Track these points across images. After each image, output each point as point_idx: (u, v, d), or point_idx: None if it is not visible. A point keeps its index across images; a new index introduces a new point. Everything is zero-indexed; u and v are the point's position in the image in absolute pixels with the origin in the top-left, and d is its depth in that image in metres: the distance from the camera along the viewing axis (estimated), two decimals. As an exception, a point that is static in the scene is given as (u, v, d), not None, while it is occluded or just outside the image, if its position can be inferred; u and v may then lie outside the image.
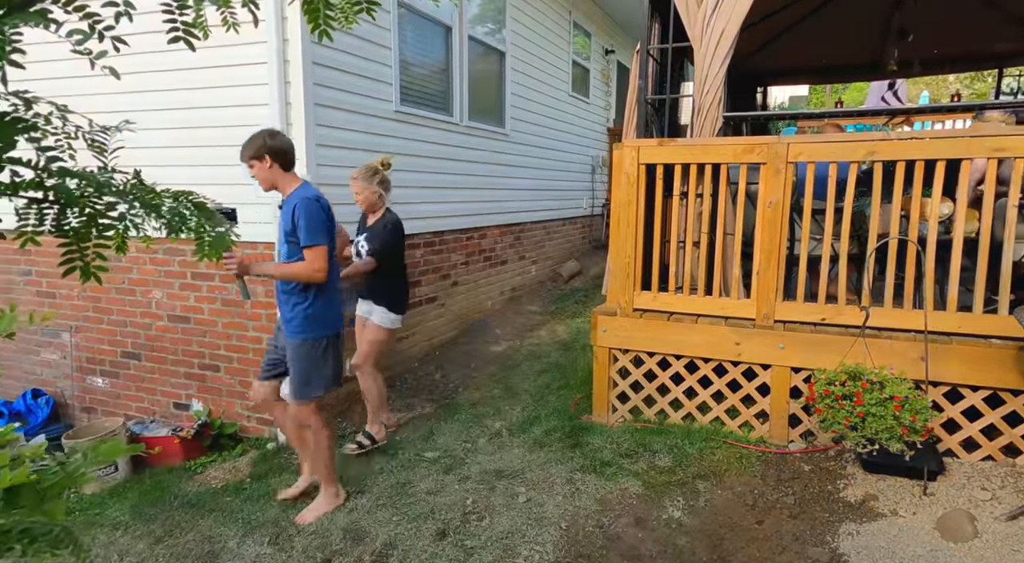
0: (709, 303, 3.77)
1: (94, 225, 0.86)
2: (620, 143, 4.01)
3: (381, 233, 3.84)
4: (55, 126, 0.81)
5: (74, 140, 0.85)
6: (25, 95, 0.78)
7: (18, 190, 0.79)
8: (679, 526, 2.86)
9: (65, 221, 0.82)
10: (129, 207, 0.86)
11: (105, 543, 3.23)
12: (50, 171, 0.79)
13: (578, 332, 5.96)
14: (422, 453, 3.81)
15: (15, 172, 0.78)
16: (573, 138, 8.80)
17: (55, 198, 0.81)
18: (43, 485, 0.67)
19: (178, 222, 0.91)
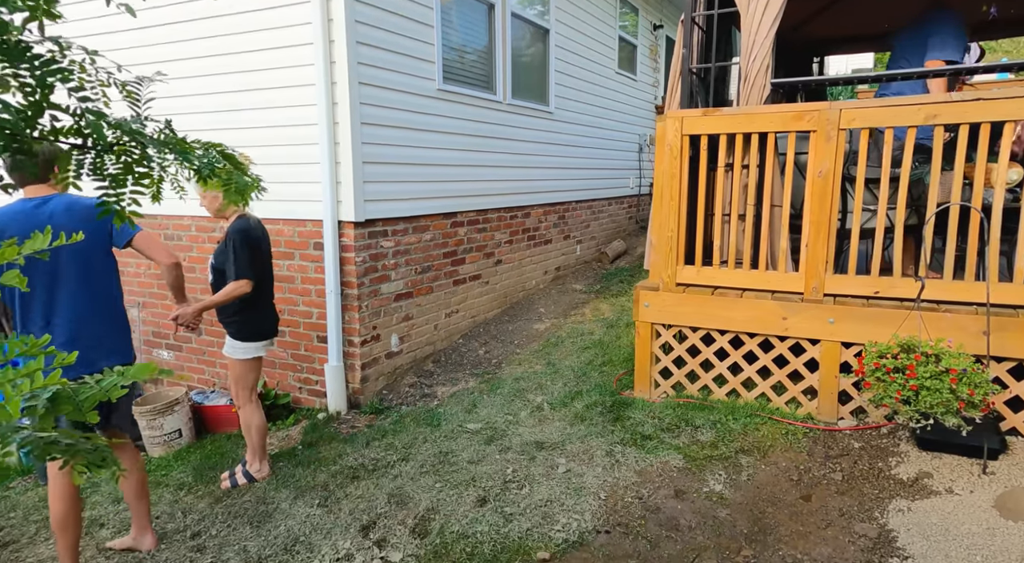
0: (755, 277, 3.67)
1: (130, 171, 0.92)
2: (662, 115, 3.92)
3: (227, 242, 3.21)
4: (88, 73, 0.87)
5: (107, 87, 0.91)
6: (59, 40, 0.84)
7: (58, 135, 0.85)
8: (720, 499, 2.82)
9: (103, 166, 0.88)
10: (161, 153, 0.92)
11: (170, 501, 3.44)
12: (86, 118, 0.85)
13: (622, 310, 5.91)
14: (464, 424, 3.89)
15: (55, 117, 0.84)
16: (619, 116, 8.66)
17: (92, 144, 0.87)
18: (80, 397, 0.73)
19: (207, 169, 0.96)
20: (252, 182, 1.07)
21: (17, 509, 3.58)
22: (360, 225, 4.23)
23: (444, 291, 5.22)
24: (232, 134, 4.44)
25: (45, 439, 0.74)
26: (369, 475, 3.40)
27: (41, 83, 0.77)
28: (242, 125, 4.42)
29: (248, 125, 4.40)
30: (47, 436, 0.74)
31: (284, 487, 3.39)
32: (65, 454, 0.78)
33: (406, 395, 4.55)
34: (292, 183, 4.28)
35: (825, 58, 7.91)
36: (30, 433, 0.73)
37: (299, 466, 3.61)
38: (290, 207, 4.34)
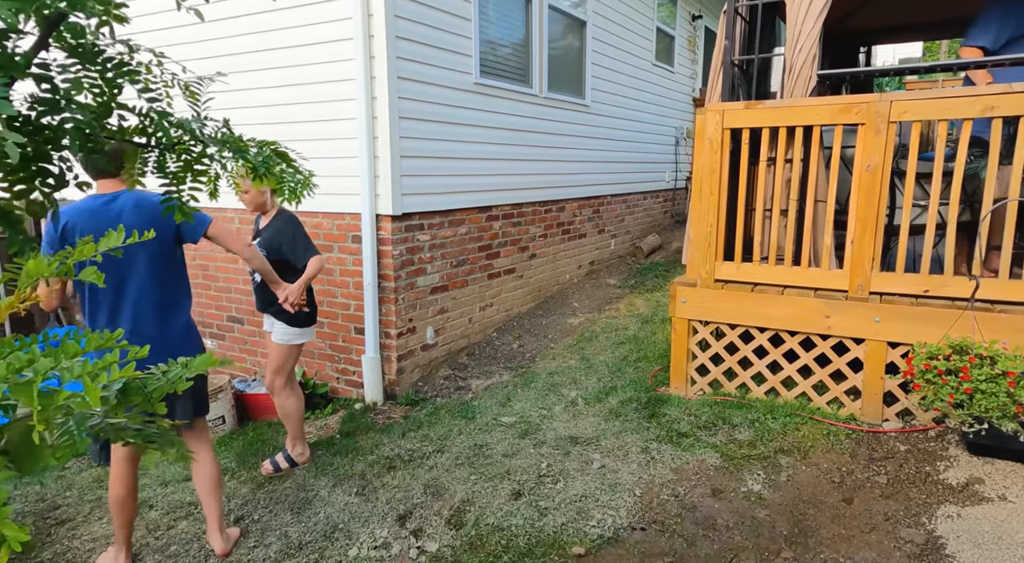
0: (797, 274, 3.59)
1: (189, 169, 0.95)
2: (703, 108, 3.85)
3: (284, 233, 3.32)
4: (154, 74, 0.90)
5: (170, 87, 0.94)
6: (128, 42, 0.87)
7: (125, 134, 0.88)
8: (759, 499, 2.78)
9: (165, 164, 0.91)
10: (220, 151, 0.94)
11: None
12: (151, 117, 0.88)
13: (657, 306, 5.85)
14: (499, 418, 3.91)
15: (122, 116, 0.87)
16: (656, 109, 8.53)
17: (156, 143, 0.90)
18: (149, 388, 0.76)
19: (263, 167, 0.98)
20: (304, 179, 1.09)
21: (73, 489, 3.74)
22: (397, 218, 4.27)
23: (479, 284, 5.25)
24: (275, 129, 4.53)
25: (116, 425, 0.77)
26: (405, 465, 3.45)
27: (110, 84, 0.80)
28: (284, 120, 4.51)
29: (289, 120, 4.48)
30: (117, 422, 0.77)
31: (323, 475, 3.47)
32: (136, 438, 0.82)
33: (441, 387, 4.60)
34: (331, 177, 4.35)
35: (872, 48, 7.65)
36: (102, 420, 0.77)
37: (337, 455, 3.69)
38: (329, 200, 4.41)
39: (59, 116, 0.71)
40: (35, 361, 0.59)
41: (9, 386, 0.55)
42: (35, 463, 0.69)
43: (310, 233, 4.63)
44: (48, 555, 2.94)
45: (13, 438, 0.67)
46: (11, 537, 0.57)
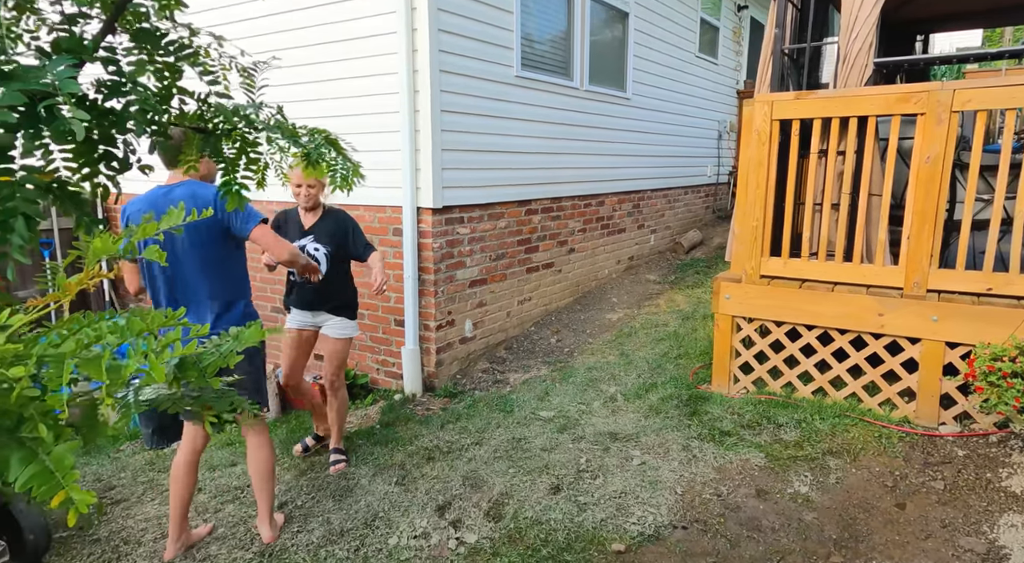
0: (848, 270, 3.46)
1: (243, 154, 0.96)
2: (750, 99, 3.74)
3: (345, 230, 3.37)
4: (212, 58, 0.91)
5: (228, 71, 0.95)
6: (190, 25, 0.88)
7: (184, 120, 0.89)
8: (806, 501, 2.69)
9: (222, 150, 0.92)
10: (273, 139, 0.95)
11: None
12: (209, 103, 0.89)
13: (699, 302, 5.74)
14: (537, 412, 3.90)
15: (183, 101, 0.89)
16: (699, 101, 8.36)
17: (213, 128, 0.91)
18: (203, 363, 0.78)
19: (316, 154, 0.98)
20: (354, 167, 1.09)
21: (126, 470, 3.89)
22: (438, 211, 4.29)
23: (517, 278, 5.24)
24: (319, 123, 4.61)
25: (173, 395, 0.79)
26: (444, 457, 3.47)
27: (172, 68, 0.81)
28: (327, 114, 4.57)
29: (332, 114, 4.54)
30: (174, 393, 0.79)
31: (363, 464, 3.52)
32: (194, 404, 0.84)
33: (479, 380, 4.61)
34: (374, 170, 4.38)
35: (929, 37, 7.32)
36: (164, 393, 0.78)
37: (377, 445, 3.73)
38: (371, 193, 4.46)
39: (123, 99, 0.73)
40: (103, 337, 0.60)
41: (78, 361, 0.57)
42: (96, 435, 0.71)
43: (352, 226, 4.71)
44: (104, 533, 3.06)
45: (78, 411, 0.69)
46: (79, 500, 0.59)
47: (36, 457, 0.60)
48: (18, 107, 0.60)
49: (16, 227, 0.61)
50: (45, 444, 0.60)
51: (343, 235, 3.36)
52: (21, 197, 0.61)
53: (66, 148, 0.72)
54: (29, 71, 0.62)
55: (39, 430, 0.59)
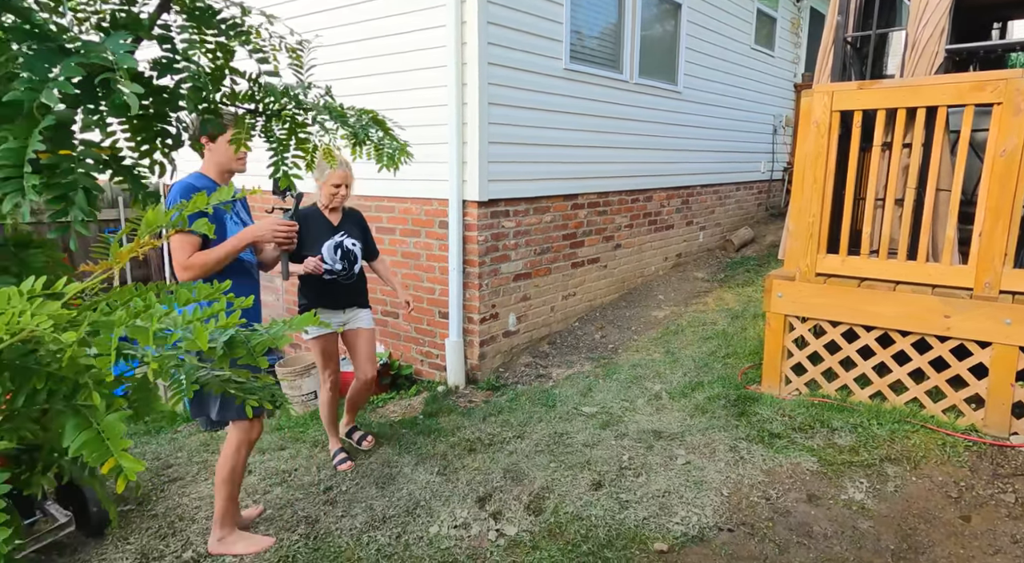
0: (912, 269, 3.29)
1: (293, 135, 0.97)
2: (809, 89, 3.60)
3: (365, 227, 3.43)
4: (263, 38, 0.93)
5: (277, 51, 0.96)
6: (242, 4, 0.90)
7: (236, 99, 0.91)
8: (861, 509, 2.57)
9: (271, 130, 0.94)
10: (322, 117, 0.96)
11: (306, 456, 3.74)
12: (259, 83, 0.91)
13: (749, 301, 5.57)
14: (579, 407, 3.86)
15: (234, 80, 0.90)
16: (753, 95, 8.11)
17: (263, 109, 0.92)
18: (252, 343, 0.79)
19: (363, 133, 0.99)
20: (401, 147, 1.09)
21: (183, 451, 4.06)
22: (483, 204, 4.30)
23: (562, 273, 5.20)
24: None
25: (221, 377, 0.81)
26: (485, 449, 3.48)
27: (224, 48, 0.83)
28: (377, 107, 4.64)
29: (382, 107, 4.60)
30: (223, 374, 0.81)
31: (407, 453, 3.56)
32: (239, 391, 0.86)
33: (522, 374, 4.60)
34: (421, 163, 4.42)
35: (1007, 23, 6.88)
36: (209, 371, 0.80)
37: (420, 435, 3.77)
38: (418, 186, 4.51)
39: (176, 76, 0.74)
40: (152, 307, 0.61)
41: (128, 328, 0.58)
42: (149, 408, 0.73)
43: (399, 218, 4.76)
44: (161, 509, 3.20)
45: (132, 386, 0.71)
46: (128, 468, 0.60)
47: (90, 425, 0.62)
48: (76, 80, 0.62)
49: (77, 200, 0.63)
50: (98, 413, 0.62)
51: (365, 231, 3.44)
52: (82, 171, 0.63)
53: (125, 126, 0.74)
54: (90, 46, 0.64)
55: (92, 398, 0.61)
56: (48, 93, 0.58)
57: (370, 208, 4.88)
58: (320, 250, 3.20)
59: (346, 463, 3.46)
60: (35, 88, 0.58)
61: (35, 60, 0.60)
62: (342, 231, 3.30)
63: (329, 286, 3.25)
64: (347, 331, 3.40)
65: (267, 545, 2.74)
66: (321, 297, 3.29)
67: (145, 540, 2.88)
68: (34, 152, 0.59)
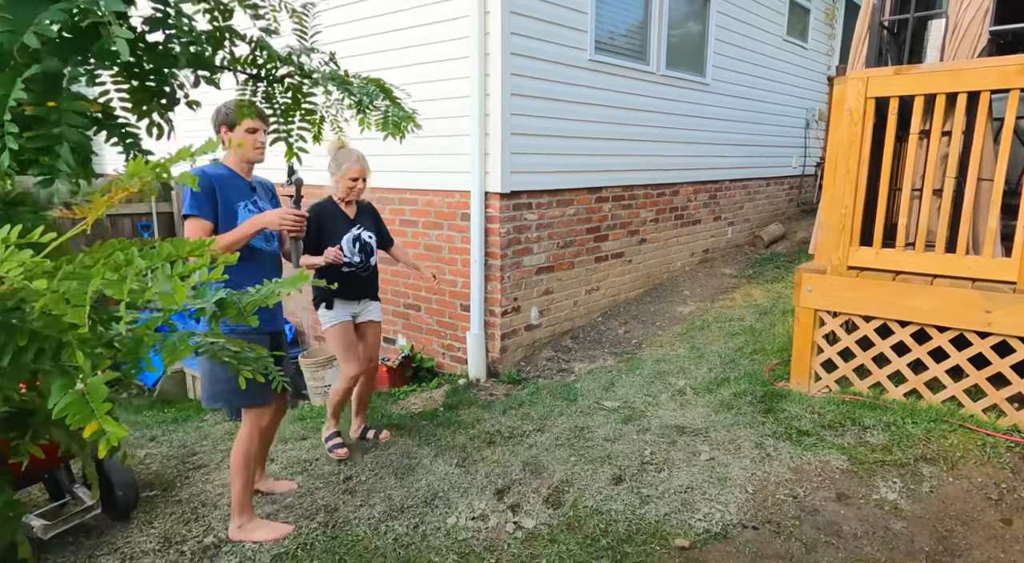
0: (951, 262, 3.15)
1: (298, 106, 0.95)
2: (842, 76, 3.47)
3: (378, 217, 3.43)
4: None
5: (277, 12, 0.94)
6: (237, -39, 0.88)
7: (237, 64, 0.89)
8: (894, 509, 2.47)
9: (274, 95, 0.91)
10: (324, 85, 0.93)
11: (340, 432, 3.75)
12: (261, 46, 0.89)
13: (778, 297, 5.43)
14: (601, 402, 3.80)
15: (233, 43, 0.89)
16: (785, 88, 7.91)
17: (265, 74, 0.90)
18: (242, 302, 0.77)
19: (367, 100, 0.96)
20: (408, 115, 1.06)
21: (208, 439, 4.11)
22: (505, 196, 4.26)
23: (585, 267, 5.14)
24: (391, 109, 4.68)
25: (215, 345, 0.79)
26: (505, 442, 3.45)
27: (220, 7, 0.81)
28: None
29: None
30: (216, 342, 0.79)
31: (426, 444, 3.55)
32: (233, 359, 0.84)
33: (543, 368, 4.56)
34: (444, 155, 4.43)
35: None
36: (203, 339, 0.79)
37: (440, 427, 3.76)
38: (440, 178, 4.50)
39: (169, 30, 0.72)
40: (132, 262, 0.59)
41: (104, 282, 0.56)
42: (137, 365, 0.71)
43: (422, 211, 4.76)
44: (185, 495, 3.24)
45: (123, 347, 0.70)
46: (111, 432, 0.58)
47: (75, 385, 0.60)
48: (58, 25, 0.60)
49: (62, 154, 0.61)
50: (84, 373, 0.61)
51: (379, 221, 3.43)
52: (67, 123, 0.62)
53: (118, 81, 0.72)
54: (76, -7, 0.63)
55: (76, 357, 0.59)
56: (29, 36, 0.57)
57: (393, 201, 4.89)
58: (340, 243, 3.20)
59: (341, 449, 3.45)
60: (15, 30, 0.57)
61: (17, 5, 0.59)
62: (358, 224, 3.30)
63: (347, 278, 3.25)
64: (358, 323, 3.40)
65: (286, 532, 2.76)
66: (343, 288, 3.26)
67: (169, 525, 2.91)
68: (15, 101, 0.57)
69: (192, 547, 2.72)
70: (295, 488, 3.15)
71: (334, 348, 3.40)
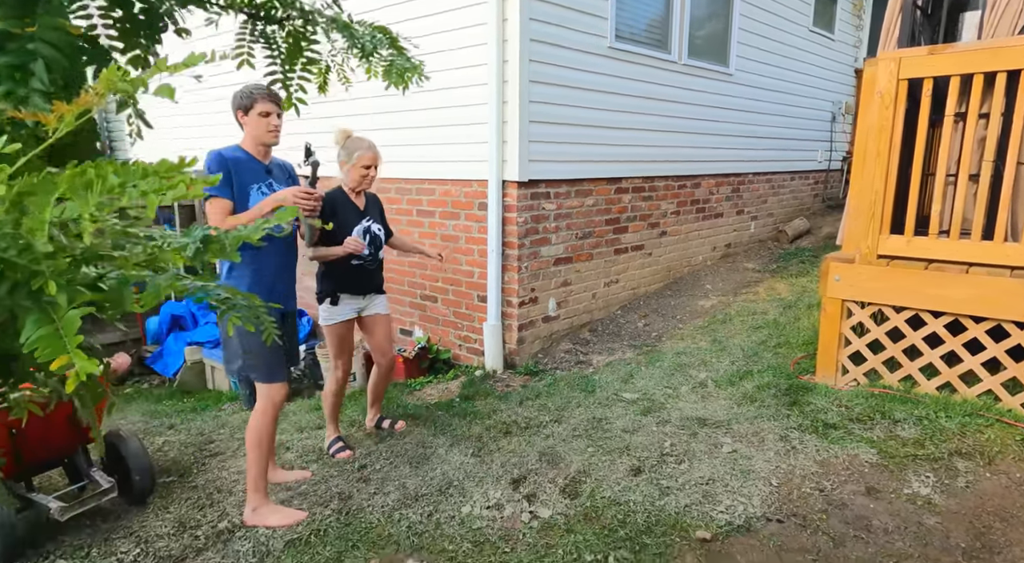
0: (988, 249, 3.02)
1: (299, 54, 0.90)
2: (872, 58, 3.35)
3: (382, 209, 3.39)
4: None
5: None
6: None
7: (233, 5, 0.85)
8: (927, 504, 2.36)
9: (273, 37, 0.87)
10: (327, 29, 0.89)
11: (344, 436, 3.73)
12: (257, -16, 0.84)
13: (803, 291, 5.29)
14: (620, 393, 3.72)
15: (229, -19, 0.85)
16: (811, 80, 7.73)
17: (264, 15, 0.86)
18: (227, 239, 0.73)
19: (371, 46, 0.91)
20: (414, 66, 1.01)
21: (225, 427, 4.12)
22: (523, 185, 4.20)
23: (604, 259, 5.06)
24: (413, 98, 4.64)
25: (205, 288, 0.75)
26: (521, 432, 3.39)
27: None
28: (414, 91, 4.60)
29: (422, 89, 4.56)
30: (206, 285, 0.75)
31: (441, 434, 3.50)
32: (222, 304, 0.80)
33: (561, 360, 4.49)
34: (461, 144, 4.39)
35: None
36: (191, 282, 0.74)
37: (455, 417, 3.71)
38: (458, 167, 4.46)
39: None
40: (105, 177, 0.55)
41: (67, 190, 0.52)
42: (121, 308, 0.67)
43: (439, 200, 4.72)
44: (201, 481, 3.24)
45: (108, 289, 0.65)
46: (80, 366, 0.54)
47: (51, 321, 0.56)
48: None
49: (36, 70, 0.57)
50: (59, 308, 0.56)
51: (383, 213, 3.39)
52: (42, 39, 0.58)
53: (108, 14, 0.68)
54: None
55: (48, 288, 0.55)
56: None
57: (411, 191, 4.86)
58: (351, 235, 3.16)
59: (344, 452, 3.37)
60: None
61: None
62: (367, 216, 3.24)
63: (354, 271, 3.17)
64: (365, 317, 3.32)
65: (299, 518, 2.73)
66: (344, 283, 3.19)
67: (184, 510, 2.91)
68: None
69: (206, 532, 2.70)
70: (308, 476, 3.14)
71: (328, 346, 3.34)
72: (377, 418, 3.69)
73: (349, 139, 3.13)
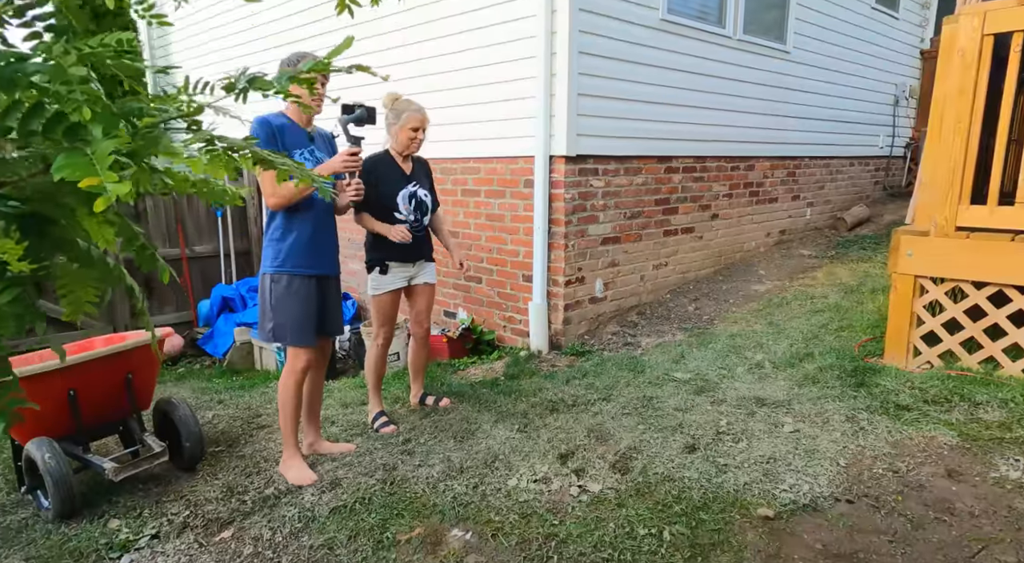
0: (1084, 218, 2.76)
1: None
2: (951, 15, 3.12)
3: (431, 177, 3.33)
4: None
5: None
6: None
7: None
8: (1017, 488, 2.16)
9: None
10: None
11: (388, 411, 3.71)
12: None
13: (865, 276, 5.02)
14: (671, 373, 3.58)
15: None
16: (872, 61, 7.34)
17: None
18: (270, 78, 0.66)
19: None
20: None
21: (272, 403, 4.15)
22: (571, 160, 4.09)
23: (653, 241, 4.90)
24: (456, 76, 4.60)
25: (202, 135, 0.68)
26: (568, 409, 3.29)
27: None
28: (465, 66, 4.54)
29: (470, 65, 4.50)
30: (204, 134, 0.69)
31: (486, 410, 3.43)
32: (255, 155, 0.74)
33: (608, 342, 4.37)
34: (508, 120, 4.31)
35: None
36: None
37: (500, 394, 3.64)
38: (504, 145, 4.38)
39: None
40: None
41: None
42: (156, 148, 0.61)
43: (484, 179, 4.66)
44: (248, 450, 3.26)
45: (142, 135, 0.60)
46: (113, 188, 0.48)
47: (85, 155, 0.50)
48: None
49: None
50: (94, 139, 0.51)
51: (432, 180, 3.32)
52: None
53: None
54: None
55: (83, 114, 0.50)
56: None
57: (456, 171, 4.81)
58: (396, 200, 3.12)
59: (388, 426, 3.33)
60: None
61: None
62: (414, 181, 3.19)
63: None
64: (412, 285, 3.30)
65: (310, 480, 2.79)
66: (393, 251, 3.15)
67: (232, 476, 2.92)
68: None
69: (253, 497, 2.71)
70: (352, 449, 3.12)
71: (373, 314, 3.32)
72: (421, 394, 3.65)
73: (397, 101, 3.09)
